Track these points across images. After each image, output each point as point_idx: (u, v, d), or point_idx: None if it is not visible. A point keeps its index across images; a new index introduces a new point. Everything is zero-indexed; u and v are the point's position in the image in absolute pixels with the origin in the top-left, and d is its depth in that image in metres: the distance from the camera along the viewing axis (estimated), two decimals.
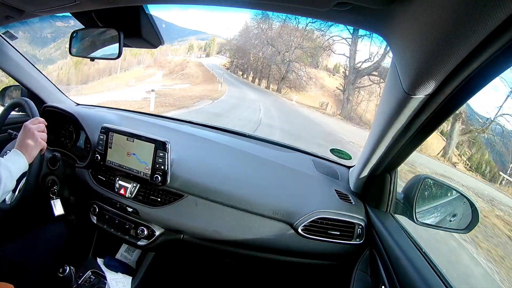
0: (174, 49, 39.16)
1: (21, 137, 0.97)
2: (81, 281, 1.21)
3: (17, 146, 0.95)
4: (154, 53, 31.91)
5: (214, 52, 40.04)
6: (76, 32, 1.05)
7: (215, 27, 31.89)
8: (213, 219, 1.14)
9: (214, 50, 40.38)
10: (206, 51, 40.59)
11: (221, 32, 38.90)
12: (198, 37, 42.55)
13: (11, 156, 0.92)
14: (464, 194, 1.05)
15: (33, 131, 0.99)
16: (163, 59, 34.82)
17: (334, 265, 1.18)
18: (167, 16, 42.15)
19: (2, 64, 1.43)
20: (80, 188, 1.33)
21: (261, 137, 1.71)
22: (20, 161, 0.92)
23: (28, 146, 0.96)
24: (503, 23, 0.41)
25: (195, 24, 67.02)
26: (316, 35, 28.53)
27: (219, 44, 39.02)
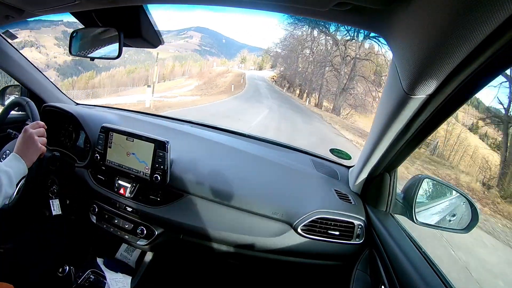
0: (226, 62, 39.69)
1: (21, 141, 0.97)
2: (80, 280, 1.21)
3: (16, 150, 0.95)
4: (202, 63, 32.66)
5: (268, 66, 39.60)
6: (76, 31, 1.05)
7: (270, 42, 32.17)
8: (213, 219, 1.14)
9: (268, 63, 39.97)
10: (259, 64, 40.82)
11: (273, 45, 37.88)
12: (256, 54, 43.13)
13: (11, 161, 0.91)
14: (464, 194, 1.05)
15: (33, 136, 0.98)
16: (208, 69, 34.82)
17: (333, 265, 1.18)
18: (227, 32, 43.10)
19: (2, 63, 1.43)
20: (80, 187, 1.33)
21: (260, 137, 1.71)
22: (19, 166, 0.92)
23: (27, 151, 0.95)
24: (503, 23, 0.41)
25: (253, 41, 67.69)
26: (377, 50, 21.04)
27: (274, 57, 38.30)
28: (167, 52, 50.97)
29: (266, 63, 40.83)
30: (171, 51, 52.50)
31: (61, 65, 34.66)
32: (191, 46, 58.10)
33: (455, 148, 13.24)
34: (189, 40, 59.75)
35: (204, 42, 60.47)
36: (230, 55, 45.07)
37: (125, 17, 0.92)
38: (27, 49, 32.33)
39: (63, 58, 31.87)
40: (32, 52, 32.44)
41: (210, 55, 51.22)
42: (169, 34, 60.77)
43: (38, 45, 32.31)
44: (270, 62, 40.16)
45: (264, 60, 40.97)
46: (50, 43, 28.92)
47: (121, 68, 35.33)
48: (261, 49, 41.85)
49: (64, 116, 1.48)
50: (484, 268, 4.16)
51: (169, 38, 58.61)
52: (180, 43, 57.57)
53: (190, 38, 60.62)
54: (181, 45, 56.95)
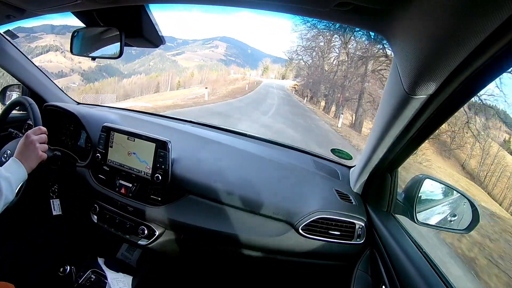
0: (247, 71, 39.22)
1: (22, 147, 0.96)
2: (81, 280, 1.21)
3: (17, 155, 0.95)
4: (220, 72, 32.30)
5: (291, 76, 37.52)
6: (77, 31, 1.05)
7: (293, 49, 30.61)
8: (214, 218, 1.14)
9: (291, 73, 37.85)
10: (282, 74, 39.47)
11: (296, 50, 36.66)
12: (281, 64, 41.91)
13: (11, 166, 0.91)
14: (465, 194, 1.05)
15: (35, 143, 0.98)
16: (223, 77, 34.37)
17: (334, 265, 1.18)
18: (253, 42, 42.87)
19: (3, 62, 1.43)
20: (81, 187, 1.33)
21: (261, 137, 1.71)
22: (19, 172, 0.92)
23: (28, 157, 0.95)
24: (504, 23, 0.41)
25: (279, 51, 66.80)
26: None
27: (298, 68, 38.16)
28: (192, 61, 51.18)
29: (289, 72, 38.67)
30: (196, 60, 52.62)
31: (86, 71, 35.15)
32: (216, 55, 58.10)
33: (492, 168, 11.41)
34: (214, 50, 59.83)
35: (230, 52, 60.46)
36: (255, 65, 45.08)
37: (126, 16, 0.92)
38: (51, 53, 32.65)
39: (88, 63, 32.23)
40: (57, 57, 32.78)
41: (237, 66, 51.30)
42: (194, 43, 60.93)
43: (63, 49, 32.62)
44: (293, 72, 36.92)
45: (288, 70, 38.89)
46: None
47: (142, 75, 35.85)
48: (286, 60, 41.13)
49: (65, 115, 1.48)
50: None
51: (194, 47, 58.73)
52: (205, 53, 57.66)
53: (215, 47, 60.76)
54: (206, 55, 57.03)
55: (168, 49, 52.65)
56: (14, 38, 1.45)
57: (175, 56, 51.96)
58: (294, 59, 25.40)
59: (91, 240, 1.47)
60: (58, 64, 33.30)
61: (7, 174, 0.86)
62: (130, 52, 29.60)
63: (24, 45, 32.14)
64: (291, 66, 36.91)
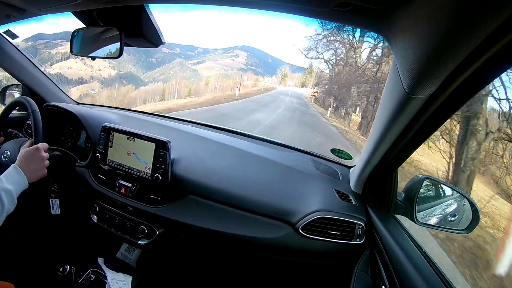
0: (261, 79, 38.72)
1: (29, 158, 0.96)
2: (81, 280, 1.21)
3: (20, 164, 0.93)
4: (234, 79, 32.28)
5: (311, 84, 36.35)
6: (77, 31, 1.05)
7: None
8: (214, 218, 1.14)
9: (311, 81, 36.64)
10: (302, 82, 38.89)
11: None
12: (302, 73, 41.71)
13: (13, 177, 0.90)
14: (465, 194, 1.05)
15: (44, 160, 0.99)
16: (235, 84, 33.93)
17: (334, 265, 1.18)
18: (274, 52, 42.66)
19: (3, 62, 1.43)
20: (81, 187, 1.33)
21: (261, 137, 1.71)
22: (21, 182, 0.91)
23: (33, 170, 0.95)
24: (503, 23, 0.41)
25: (300, 61, 65.76)
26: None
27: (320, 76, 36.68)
28: (213, 70, 51.25)
29: (309, 81, 37.52)
30: (217, 70, 52.63)
31: (106, 78, 35.46)
32: (236, 65, 58.11)
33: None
34: (235, 59, 59.78)
35: (250, 61, 60.40)
36: (276, 74, 45.03)
37: (126, 16, 0.92)
38: (71, 60, 32.82)
39: (108, 71, 32.42)
40: (77, 63, 32.92)
41: (256, 74, 51.21)
42: (215, 52, 60.95)
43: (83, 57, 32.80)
44: (314, 80, 35.74)
45: (308, 78, 37.99)
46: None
47: (160, 84, 36.26)
48: (306, 69, 39.33)
49: (65, 115, 1.48)
50: None
51: (215, 56, 58.72)
52: (226, 62, 57.63)
53: (236, 56, 60.73)
54: (227, 64, 57.01)
55: (189, 58, 52.66)
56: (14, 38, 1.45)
57: (196, 65, 52.04)
58: (313, 57, 20.39)
59: (91, 240, 1.47)
60: (77, 71, 33.42)
61: (9, 187, 0.85)
62: (150, 61, 29.73)
63: (44, 52, 32.44)
64: (310, 72, 35.44)
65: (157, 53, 28.55)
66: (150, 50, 22.86)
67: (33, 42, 32.57)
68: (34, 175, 0.96)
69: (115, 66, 26.39)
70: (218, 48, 62.32)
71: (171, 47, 28.46)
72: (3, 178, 0.87)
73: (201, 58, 55.90)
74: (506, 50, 0.47)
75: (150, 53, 27.88)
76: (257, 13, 29.89)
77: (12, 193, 0.85)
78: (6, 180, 0.87)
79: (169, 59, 34.16)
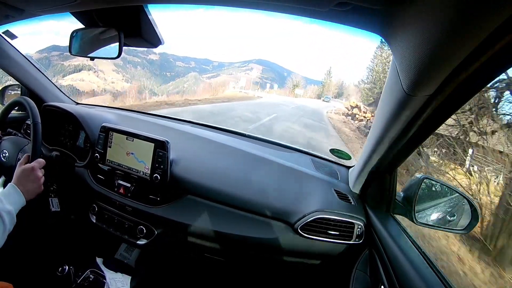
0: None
1: (26, 179, 0.97)
2: (80, 280, 1.21)
3: (17, 183, 0.95)
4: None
5: (331, 93, 33.13)
6: (76, 31, 1.05)
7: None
8: (213, 218, 1.14)
9: (327, 92, 33.58)
10: (318, 93, 35.76)
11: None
12: (318, 86, 40.08)
13: (12, 196, 0.91)
14: (464, 194, 1.05)
15: (39, 179, 1.00)
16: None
17: (333, 265, 1.18)
18: (290, 65, 41.48)
19: (3, 63, 1.43)
20: (80, 187, 1.33)
21: (260, 137, 1.71)
22: (19, 201, 0.93)
23: (29, 189, 0.97)
24: (503, 23, 0.41)
25: (316, 75, 63.99)
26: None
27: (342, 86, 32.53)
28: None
29: (328, 91, 33.18)
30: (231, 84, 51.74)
31: (119, 91, 34.96)
32: (251, 78, 56.90)
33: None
34: (249, 73, 58.84)
35: (265, 75, 59.22)
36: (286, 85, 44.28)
37: (125, 17, 0.92)
38: (84, 72, 32.51)
39: (121, 84, 32.37)
40: (90, 76, 32.66)
41: (271, 88, 50.47)
42: (230, 66, 60.20)
43: (96, 69, 32.55)
44: (335, 90, 32.50)
45: (326, 88, 33.66)
46: (108, 68, 29.48)
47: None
48: (318, 81, 37.49)
49: (64, 115, 1.48)
50: None
51: (230, 70, 58.11)
52: (240, 76, 56.71)
53: (250, 70, 59.86)
54: (241, 78, 56.17)
55: (204, 72, 52.06)
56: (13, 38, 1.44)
57: (210, 79, 51.20)
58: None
59: (90, 240, 1.47)
60: (90, 83, 33.03)
61: (9, 208, 0.87)
62: (165, 74, 29.56)
63: (57, 63, 32.11)
64: (327, 86, 31.95)
65: (172, 67, 28.40)
66: (165, 64, 22.56)
67: (47, 54, 32.40)
68: (31, 193, 0.98)
69: (128, 79, 26.26)
70: (233, 62, 61.67)
71: (186, 61, 28.26)
72: (3, 198, 0.88)
73: (215, 72, 55.39)
74: (505, 50, 0.47)
75: (165, 67, 27.83)
76: (274, 26, 28.86)
77: (12, 213, 0.87)
78: (6, 200, 0.88)
79: (184, 72, 33.78)
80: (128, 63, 18.19)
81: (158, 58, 30.52)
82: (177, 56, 24.19)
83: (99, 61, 9.95)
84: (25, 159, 1.04)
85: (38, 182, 1.00)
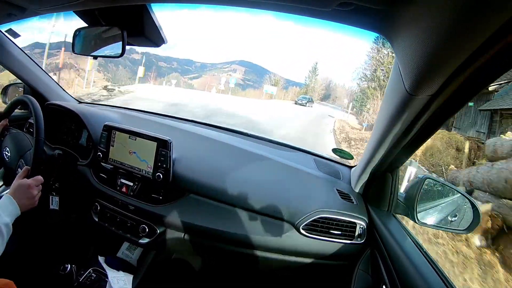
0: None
1: (22, 194, 0.98)
2: (82, 279, 1.21)
3: (14, 195, 0.96)
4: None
5: (316, 95, 27.26)
6: (79, 30, 1.05)
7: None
8: (215, 217, 1.14)
9: (312, 93, 27.55)
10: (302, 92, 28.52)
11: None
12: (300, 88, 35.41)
13: (8, 207, 0.93)
14: (466, 195, 1.05)
15: (34, 196, 1.01)
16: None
17: (335, 264, 1.18)
18: (273, 67, 39.95)
19: (5, 61, 1.43)
20: (82, 186, 1.33)
21: (263, 136, 1.71)
22: (15, 212, 0.94)
23: (24, 203, 0.98)
24: (505, 23, 0.41)
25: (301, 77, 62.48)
26: None
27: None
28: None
29: (313, 91, 26.19)
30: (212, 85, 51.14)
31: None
32: (225, 80, 56.05)
33: None
34: (232, 74, 57.78)
35: (248, 77, 58.04)
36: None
37: (128, 16, 0.92)
38: (65, 71, 32.33)
39: (102, 83, 32.41)
40: (71, 74, 32.51)
41: (253, 89, 49.83)
42: (213, 67, 59.13)
43: (77, 67, 32.44)
44: (321, 91, 25.04)
45: (311, 88, 26.81)
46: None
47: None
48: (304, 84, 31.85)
49: (67, 114, 1.48)
50: None
51: (213, 71, 56.67)
52: (222, 77, 55.95)
53: (233, 71, 58.75)
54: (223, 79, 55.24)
55: (186, 73, 51.39)
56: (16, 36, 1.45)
57: (192, 80, 50.15)
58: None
59: (92, 238, 1.47)
60: (71, 82, 32.66)
61: (7, 220, 0.89)
62: (147, 74, 29.36)
63: (39, 61, 31.71)
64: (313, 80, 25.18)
65: (154, 67, 28.12)
66: (147, 64, 22.23)
67: (30, 51, 32.13)
68: (25, 207, 0.99)
69: (110, 78, 26.25)
70: (216, 63, 60.57)
71: (169, 61, 27.69)
72: (1, 212, 0.89)
73: (198, 72, 54.67)
74: (507, 50, 0.47)
75: (147, 67, 27.60)
76: (260, 26, 27.02)
77: (9, 225, 0.89)
78: (3, 212, 0.90)
79: (166, 73, 33.35)
80: (110, 62, 17.96)
81: (140, 58, 30.18)
82: (159, 56, 23.84)
83: (81, 60, 10.20)
84: (24, 172, 1.04)
85: (32, 200, 1.01)
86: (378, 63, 17.69)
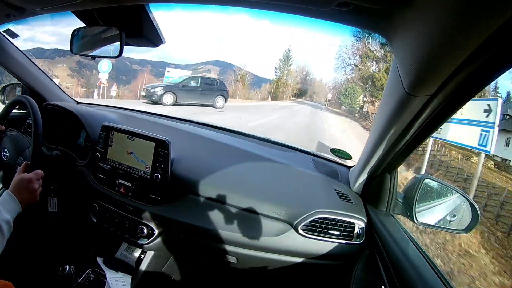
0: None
1: (22, 188, 0.97)
2: (81, 279, 1.21)
3: (14, 190, 0.95)
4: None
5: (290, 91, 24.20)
6: (77, 30, 1.05)
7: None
8: (213, 218, 1.14)
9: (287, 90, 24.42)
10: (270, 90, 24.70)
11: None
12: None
13: (9, 204, 0.92)
14: (464, 194, 1.05)
15: (36, 190, 1.00)
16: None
17: (334, 265, 1.18)
18: (248, 66, 39.52)
19: (3, 61, 1.43)
20: (80, 186, 1.33)
21: (261, 136, 1.71)
22: (15, 208, 0.93)
23: (25, 198, 0.97)
24: (504, 23, 0.41)
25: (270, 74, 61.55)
26: None
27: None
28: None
29: (286, 85, 23.40)
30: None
31: (73, 96, 34.19)
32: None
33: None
34: (207, 74, 58.25)
35: (222, 76, 58.61)
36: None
37: (126, 16, 0.92)
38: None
39: (75, 89, 32.48)
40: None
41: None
42: (187, 68, 59.38)
43: (51, 74, 32.25)
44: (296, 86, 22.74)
45: (283, 84, 23.50)
46: (64, 73, 29.42)
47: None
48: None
49: (65, 114, 1.48)
50: None
51: (186, 72, 57.48)
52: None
53: (208, 72, 59.10)
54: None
55: (160, 75, 51.34)
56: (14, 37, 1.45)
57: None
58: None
59: (91, 239, 1.47)
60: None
61: (7, 217, 0.87)
62: (120, 78, 28.88)
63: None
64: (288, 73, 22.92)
65: (128, 70, 27.76)
66: (120, 67, 21.86)
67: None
68: (26, 202, 0.98)
69: (84, 84, 26.02)
70: (191, 64, 60.45)
71: (142, 64, 27.29)
72: (1, 208, 0.88)
73: (171, 73, 54.78)
74: (505, 51, 0.47)
75: (121, 70, 27.18)
76: (235, 26, 25.87)
77: (10, 221, 0.88)
78: (4, 209, 0.88)
79: (140, 76, 33.13)
80: (83, 67, 17.55)
81: (114, 61, 30.14)
82: (134, 59, 23.46)
83: (54, 65, 10.12)
84: (24, 167, 1.04)
85: (34, 193, 1.00)
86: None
